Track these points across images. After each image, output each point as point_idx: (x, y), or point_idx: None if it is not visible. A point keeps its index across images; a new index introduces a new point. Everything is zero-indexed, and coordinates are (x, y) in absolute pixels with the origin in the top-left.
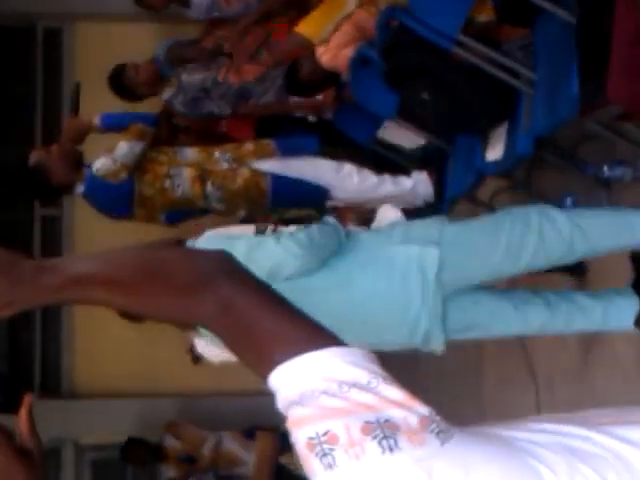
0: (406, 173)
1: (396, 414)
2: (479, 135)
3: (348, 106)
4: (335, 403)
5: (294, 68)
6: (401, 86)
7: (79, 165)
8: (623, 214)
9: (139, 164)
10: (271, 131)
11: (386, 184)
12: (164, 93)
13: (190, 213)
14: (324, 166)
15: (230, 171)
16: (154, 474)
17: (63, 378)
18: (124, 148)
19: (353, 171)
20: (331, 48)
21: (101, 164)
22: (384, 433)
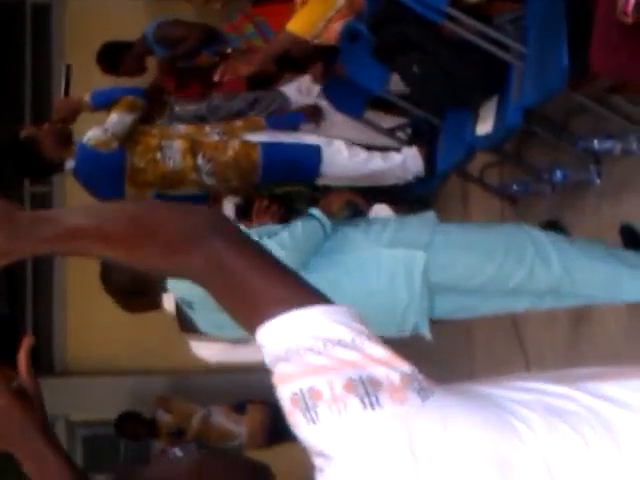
0: (396, 148)
1: (379, 372)
2: (469, 109)
3: (339, 80)
4: (319, 360)
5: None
6: (391, 60)
7: (69, 142)
8: (617, 269)
9: (130, 136)
10: None
11: (376, 159)
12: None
13: (179, 200)
14: (314, 141)
15: (221, 143)
16: (146, 450)
17: (55, 356)
18: (115, 118)
19: (342, 146)
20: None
21: (92, 134)
22: (366, 390)
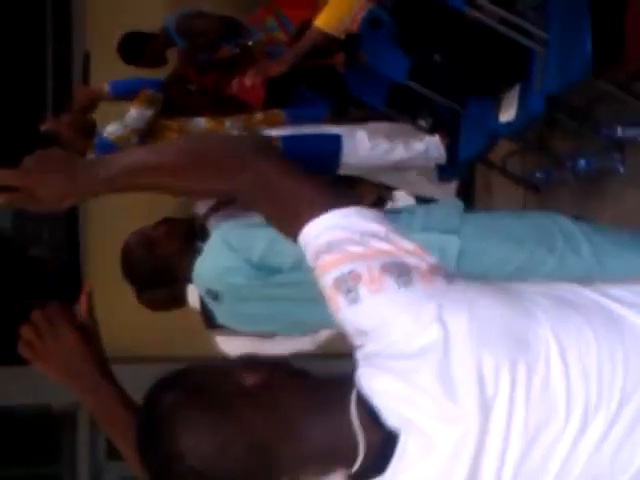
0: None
1: (410, 260)
2: (492, 97)
3: (361, 69)
4: (358, 249)
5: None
6: (413, 48)
7: (91, 134)
8: None
9: (150, 130)
10: (281, 100)
11: (398, 149)
12: None
13: None
14: (335, 132)
15: None
16: None
17: None
18: (134, 113)
19: (364, 136)
20: None
21: (112, 129)
22: (400, 273)
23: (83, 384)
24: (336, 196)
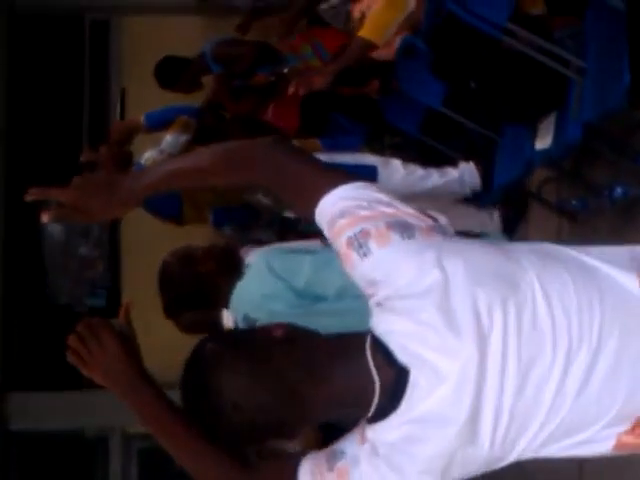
0: (453, 163)
1: (411, 219)
2: (528, 124)
3: (395, 96)
4: (367, 212)
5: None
6: (449, 75)
7: (128, 165)
8: None
9: None
10: (317, 128)
11: (433, 176)
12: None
13: (239, 218)
14: (371, 161)
15: None
16: None
17: None
18: (169, 139)
19: (399, 165)
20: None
21: (148, 155)
22: (403, 229)
23: (124, 388)
24: (345, 174)
